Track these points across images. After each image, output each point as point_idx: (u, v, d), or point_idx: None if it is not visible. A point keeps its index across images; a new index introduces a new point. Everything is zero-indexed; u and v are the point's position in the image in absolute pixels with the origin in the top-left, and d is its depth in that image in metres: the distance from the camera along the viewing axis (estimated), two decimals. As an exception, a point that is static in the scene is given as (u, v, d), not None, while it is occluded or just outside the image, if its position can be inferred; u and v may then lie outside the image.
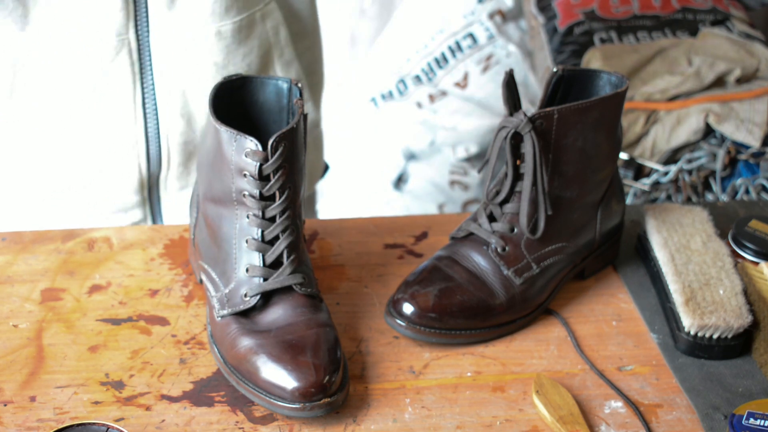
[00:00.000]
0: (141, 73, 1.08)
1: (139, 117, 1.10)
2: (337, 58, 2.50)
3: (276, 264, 0.93)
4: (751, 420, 0.84)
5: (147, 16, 1.06)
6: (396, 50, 2.22)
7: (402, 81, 2.16)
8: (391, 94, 2.17)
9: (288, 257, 0.92)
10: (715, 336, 0.95)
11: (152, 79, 1.09)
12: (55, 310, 1.00)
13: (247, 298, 0.91)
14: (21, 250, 1.08)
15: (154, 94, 1.10)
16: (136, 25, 1.06)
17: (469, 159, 2.09)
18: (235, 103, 0.97)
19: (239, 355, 0.89)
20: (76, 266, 1.06)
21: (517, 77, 2.06)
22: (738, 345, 0.96)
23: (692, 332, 0.96)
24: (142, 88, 1.09)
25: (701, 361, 0.96)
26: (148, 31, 1.06)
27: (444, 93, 2.11)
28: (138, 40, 1.06)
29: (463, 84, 2.11)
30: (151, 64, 1.08)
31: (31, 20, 1.03)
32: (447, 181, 2.10)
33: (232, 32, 1.11)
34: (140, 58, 1.07)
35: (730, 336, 0.96)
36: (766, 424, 0.83)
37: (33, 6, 1.03)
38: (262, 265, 0.92)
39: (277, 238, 0.92)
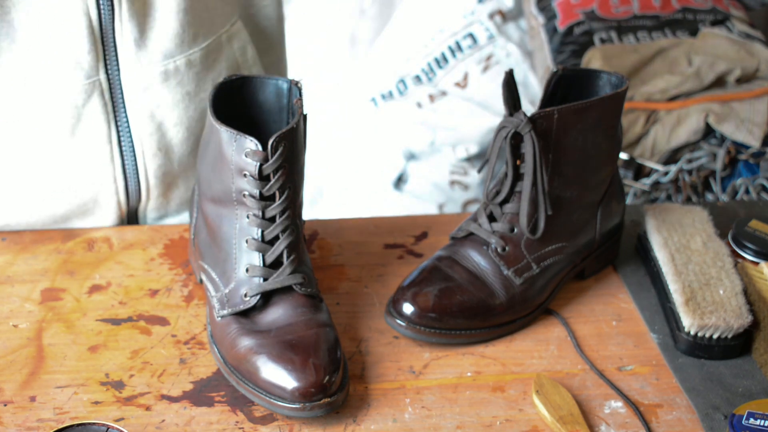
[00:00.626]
0: (115, 113, 1.07)
1: (116, 155, 1.09)
2: (337, 58, 2.50)
3: (276, 264, 0.93)
4: (751, 420, 0.84)
5: (116, 56, 1.05)
6: (396, 50, 2.22)
7: (402, 81, 2.15)
8: (391, 94, 2.17)
9: (288, 257, 0.92)
10: (715, 336, 0.95)
11: (126, 117, 1.08)
12: (55, 310, 1.00)
13: (247, 298, 0.91)
14: (21, 250, 1.08)
15: (129, 132, 1.09)
16: (105, 66, 1.05)
17: (469, 159, 2.09)
18: (235, 103, 0.97)
19: (239, 355, 0.89)
20: (76, 266, 1.06)
21: (517, 77, 2.06)
22: (738, 345, 0.96)
23: (692, 332, 0.96)
24: (117, 128, 1.08)
25: (701, 361, 0.96)
26: (118, 70, 1.05)
27: (444, 93, 2.11)
28: (109, 80, 1.05)
29: (463, 84, 2.11)
30: (124, 103, 1.07)
31: (1, 63, 1.02)
32: (447, 181, 2.10)
33: (201, 59, 1.10)
34: (113, 98, 1.06)
35: (730, 336, 0.96)
36: (766, 424, 0.83)
37: (1, 50, 1.01)
38: (262, 265, 0.92)
39: (277, 238, 0.92)
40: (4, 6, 0.99)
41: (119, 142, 1.09)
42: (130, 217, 1.15)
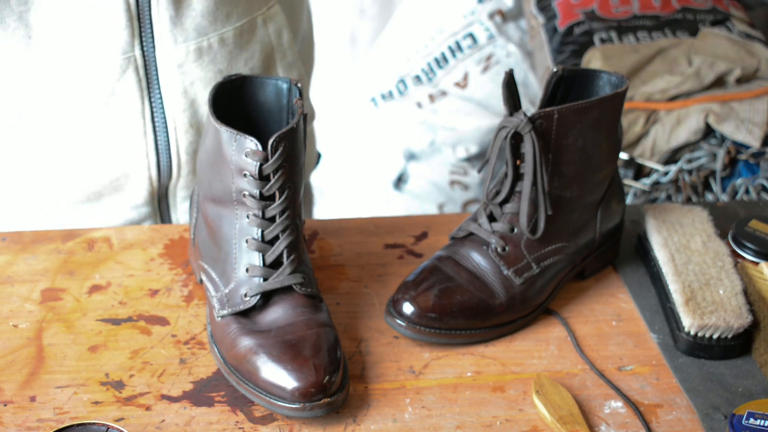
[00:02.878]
0: (149, 89, 1.09)
1: (149, 131, 1.10)
2: (337, 58, 2.50)
3: (276, 264, 0.93)
4: (751, 420, 0.84)
5: (152, 32, 1.06)
6: (396, 50, 2.22)
7: (402, 81, 2.15)
8: (391, 94, 2.17)
9: (288, 257, 0.92)
10: (715, 336, 0.95)
11: (160, 93, 1.09)
12: (55, 310, 1.00)
13: (247, 298, 0.91)
14: (21, 250, 1.08)
15: (162, 107, 1.10)
16: (141, 42, 1.06)
17: (469, 159, 2.09)
18: (235, 103, 0.97)
19: (239, 355, 0.89)
20: (76, 266, 1.06)
21: (517, 77, 2.06)
22: (738, 345, 0.96)
23: (692, 332, 0.96)
24: (150, 103, 1.09)
25: (701, 361, 0.96)
26: (153, 47, 1.07)
27: (444, 93, 2.11)
28: (144, 56, 1.07)
29: (463, 84, 2.11)
30: (158, 79, 1.09)
31: (35, 42, 1.03)
32: (447, 181, 2.10)
33: (234, 37, 1.11)
34: (147, 74, 1.08)
35: (730, 336, 0.96)
36: (766, 424, 0.83)
37: (36, 27, 1.03)
38: (262, 265, 0.92)
39: (277, 237, 0.92)
40: None
41: (152, 117, 1.10)
42: (161, 194, 1.16)
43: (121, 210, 1.16)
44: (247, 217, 0.92)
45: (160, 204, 1.17)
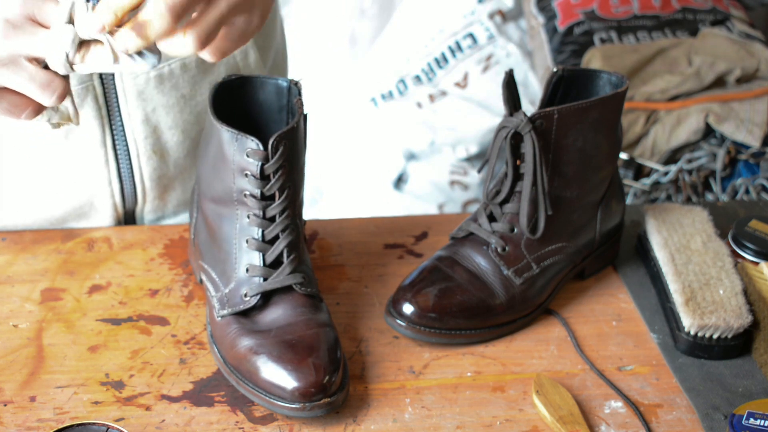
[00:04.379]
0: (109, 117, 1.07)
1: (111, 159, 1.09)
2: (337, 58, 2.50)
3: (276, 264, 0.93)
4: (751, 420, 0.84)
5: None
6: (396, 50, 2.22)
7: (402, 81, 2.15)
8: (391, 94, 2.17)
9: (288, 257, 0.92)
10: (715, 336, 0.95)
11: (121, 121, 1.08)
12: (55, 310, 1.00)
13: (247, 298, 0.91)
14: (21, 250, 1.08)
15: (124, 135, 1.09)
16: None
17: (469, 159, 2.09)
18: (235, 103, 0.97)
19: (239, 355, 0.89)
20: (76, 266, 1.06)
21: (517, 77, 2.06)
22: (738, 345, 0.96)
23: (692, 332, 0.96)
24: (112, 132, 1.08)
25: (701, 361, 0.96)
26: (112, 75, 1.05)
27: (444, 93, 2.11)
28: (103, 84, 1.05)
29: (463, 84, 2.11)
30: (118, 107, 1.07)
31: None
32: (447, 181, 2.10)
33: (197, 62, 1.09)
34: (107, 103, 1.06)
35: (730, 336, 0.95)
36: (766, 424, 0.83)
37: None
38: (262, 264, 0.92)
39: (277, 237, 0.92)
40: None
41: (114, 145, 1.09)
42: (128, 219, 1.15)
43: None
44: (248, 216, 0.92)
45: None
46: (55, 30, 0.77)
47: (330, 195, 2.23)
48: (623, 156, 1.72)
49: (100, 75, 1.04)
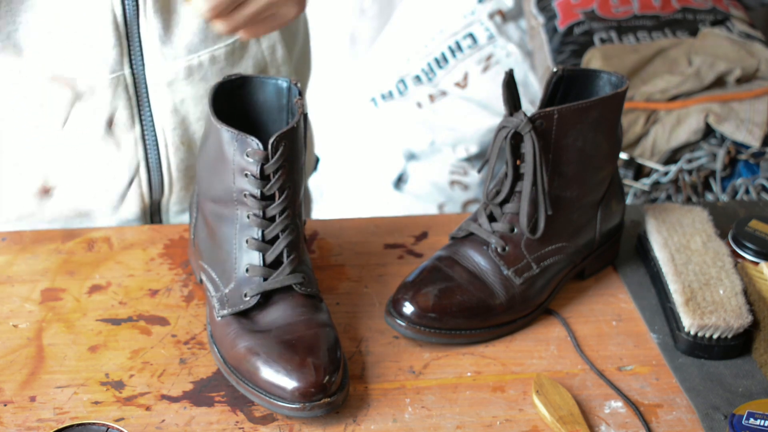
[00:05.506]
0: (139, 107, 1.08)
1: (139, 149, 1.10)
2: (337, 58, 2.50)
3: (276, 263, 0.93)
4: (751, 420, 0.84)
5: (141, 51, 1.06)
6: (396, 50, 2.22)
7: (402, 81, 2.15)
8: (391, 94, 2.17)
9: (288, 256, 0.92)
10: (715, 336, 0.95)
11: (150, 111, 1.09)
12: (55, 310, 1.00)
13: (247, 298, 0.91)
14: (21, 250, 1.08)
15: (153, 126, 1.10)
16: (130, 61, 1.06)
17: (469, 159, 2.09)
18: (235, 103, 0.97)
19: (239, 355, 0.89)
20: (76, 266, 1.06)
21: (517, 77, 2.06)
22: (738, 345, 0.96)
23: (692, 332, 0.96)
24: (141, 122, 1.09)
25: (701, 361, 0.96)
26: (143, 65, 1.06)
27: (444, 93, 2.11)
28: (133, 75, 1.06)
29: (463, 84, 2.11)
30: (148, 98, 1.08)
31: (25, 63, 1.03)
32: (447, 181, 2.10)
33: (226, 55, 1.10)
34: (137, 93, 1.07)
35: (730, 336, 0.96)
36: (766, 424, 0.83)
37: (25, 47, 1.02)
38: (262, 264, 0.92)
39: (276, 237, 0.92)
40: (26, 1, 0.99)
41: (143, 136, 1.10)
42: (153, 210, 1.16)
43: (111, 224, 1.16)
44: (248, 216, 0.92)
45: (152, 219, 1.17)
46: None
47: (330, 195, 2.23)
48: (623, 156, 1.72)
49: (131, 65, 1.06)
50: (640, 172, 1.73)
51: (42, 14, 1.01)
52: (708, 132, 1.72)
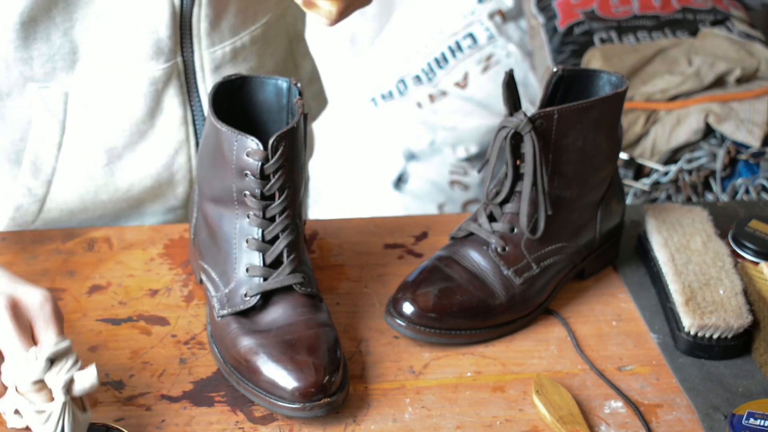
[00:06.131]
0: (189, 94, 1.10)
1: (191, 136, 1.12)
2: (337, 58, 2.50)
3: (276, 263, 0.93)
4: (751, 420, 0.84)
5: (191, 39, 1.07)
6: (396, 50, 2.22)
7: (402, 81, 2.15)
8: (391, 94, 2.17)
9: (288, 256, 0.92)
10: (715, 336, 0.95)
11: (199, 98, 1.11)
12: (55, 310, 1.00)
13: (247, 298, 0.91)
14: (21, 250, 1.08)
15: (202, 112, 1.11)
16: (182, 49, 1.07)
17: (469, 159, 2.09)
18: (235, 103, 0.97)
19: (239, 355, 0.89)
20: (76, 266, 1.06)
21: (517, 77, 2.06)
22: (738, 345, 0.96)
23: (692, 332, 0.96)
24: (191, 109, 1.10)
25: (701, 361, 0.96)
26: (192, 52, 1.08)
27: (444, 93, 2.11)
28: (185, 63, 1.08)
29: (463, 84, 2.11)
30: (196, 84, 1.10)
31: (80, 56, 1.03)
32: (447, 181, 2.10)
33: (261, 34, 1.13)
34: (187, 81, 1.09)
35: (730, 336, 0.96)
36: (766, 424, 0.83)
37: (81, 42, 1.02)
38: (262, 264, 0.92)
39: (276, 237, 0.92)
40: None
41: (194, 122, 1.11)
42: (192, 196, 1.17)
43: (156, 213, 1.17)
44: (248, 216, 0.92)
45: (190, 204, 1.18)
46: (29, 356, 0.77)
47: (330, 195, 2.23)
48: (623, 156, 1.72)
49: (182, 53, 1.07)
50: (640, 172, 1.73)
51: (99, 9, 1.01)
52: (708, 132, 1.72)
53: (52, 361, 0.77)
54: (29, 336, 0.78)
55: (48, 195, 1.10)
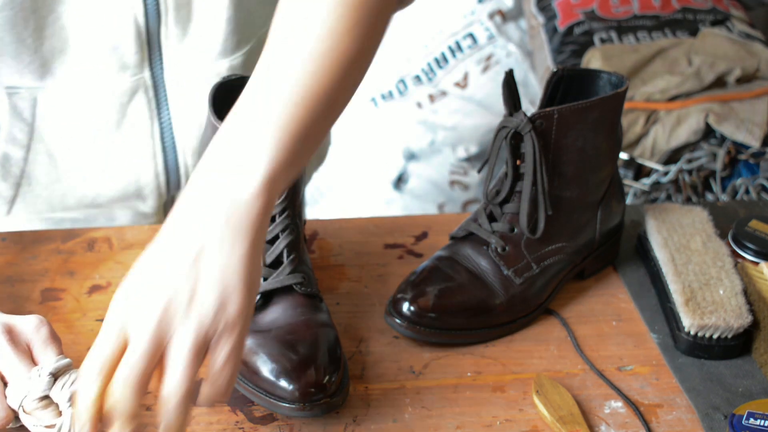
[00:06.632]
0: (158, 110, 1.10)
1: (158, 151, 1.12)
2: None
3: (276, 263, 0.93)
4: (751, 420, 0.84)
5: (161, 55, 1.07)
6: (396, 50, 2.22)
7: (402, 81, 2.16)
8: (391, 94, 2.17)
9: (288, 256, 0.92)
10: (715, 336, 0.95)
11: (169, 115, 1.10)
12: (55, 310, 1.00)
13: (247, 298, 0.91)
14: (21, 250, 1.08)
15: (171, 129, 1.11)
16: (150, 64, 1.07)
17: (469, 159, 2.09)
18: (234, 102, 0.97)
19: (239, 355, 0.89)
20: (76, 266, 1.06)
21: (517, 77, 2.06)
22: (738, 345, 0.96)
23: (692, 332, 0.96)
24: (160, 124, 1.11)
25: (701, 361, 0.96)
26: (162, 69, 1.08)
27: (444, 93, 2.11)
28: (153, 78, 1.08)
29: (463, 84, 2.11)
30: (167, 101, 1.10)
31: (50, 71, 1.04)
32: (447, 181, 2.10)
33: (243, 62, 1.12)
34: (156, 96, 1.09)
35: (730, 336, 0.95)
36: (766, 424, 0.83)
37: (49, 58, 1.03)
38: (262, 264, 0.92)
39: (276, 237, 0.92)
40: (55, 11, 1.00)
41: (162, 138, 1.11)
42: (168, 205, 1.18)
43: (127, 221, 1.18)
44: (247, 217, 0.92)
45: (166, 212, 1.18)
46: (32, 374, 0.78)
47: (330, 195, 2.23)
48: (623, 156, 1.72)
49: (151, 68, 1.07)
50: (640, 172, 1.73)
51: (66, 23, 1.02)
52: (708, 132, 1.72)
53: (55, 377, 0.77)
54: (29, 357, 0.79)
55: (16, 197, 1.11)
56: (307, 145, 0.77)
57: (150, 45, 1.06)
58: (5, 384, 0.79)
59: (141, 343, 0.69)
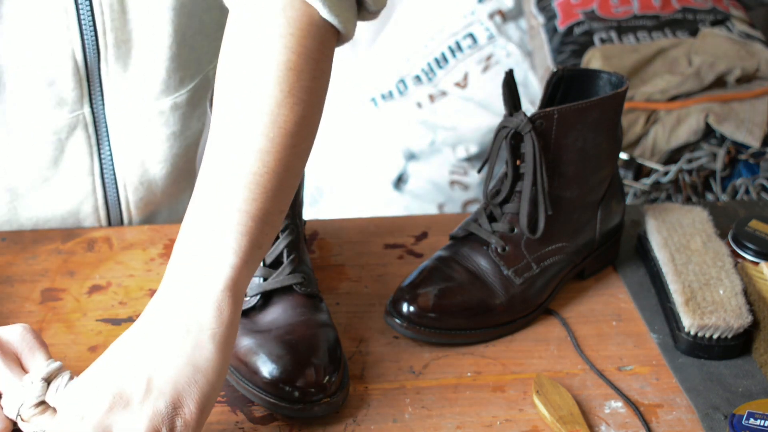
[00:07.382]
0: (98, 146, 1.08)
1: (98, 187, 1.11)
2: (337, 58, 2.50)
3: (276, 264, 0.93)
4: (751, 420, 0.84)
5: (102, 92, 1.06)
6: (396, 50, 2.22)
7: (402, 81, 2.15)
8: (391, 94, 2.17)
9: (288, 257, 0.92)
10: (715, 336, 0.95)
11: (110, 151, 1.09)
12: (55, 310, 1.00)
13: (247, 298, 0.91)
14: (21, 250, 1.08)
15: (112, 165, 1.10)
16: (90, 100, 1.05)
17: (469, 159, 2.09)
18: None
19: (239, 355, 0.89)
20: (76, 266, 1.06)
21: (517, 77, 2.06)
22: (738, 345, 0.96)
23: (692, 332, 0.96)
24: (100, 161, 1.09)
25: (701, 361, 0.96)
26: (103, 106, 1.06)
27: (444, 93, 2.11)
28: (93, 114, 1.06)
29: (463, 84, 2.11)
30: (108, 137, 1.08)
31: None
32: (447, 181, 2.10)
33: (187, 100, 1.10)
34: (97, 132, 1.07)
35: (730, 336, 0.96)
36: (766, 424, 0.83)
37: None
38: (261, 264, 0.92)
39: (276, 237, 0.92)
40: None
41: (102, 174, 1.10)
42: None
43: None
44: (247, 217, 0.92)
45: None
46: (25, 382, 0.78)
47: (330, 195, 2.23)
48: (623, 156, 1.72)
49: (91, 104, 1.06)
50: (640, 172, 1.73)
51: (2, 55, 1.00)
52: (708, 132, 1.72)
53: (48, 382, 0.77)
54: (19, 366, 0.79)
55: None
56: (268, 228, 0.78)
57: (90, 81, 1.04)
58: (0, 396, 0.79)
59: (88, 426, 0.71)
